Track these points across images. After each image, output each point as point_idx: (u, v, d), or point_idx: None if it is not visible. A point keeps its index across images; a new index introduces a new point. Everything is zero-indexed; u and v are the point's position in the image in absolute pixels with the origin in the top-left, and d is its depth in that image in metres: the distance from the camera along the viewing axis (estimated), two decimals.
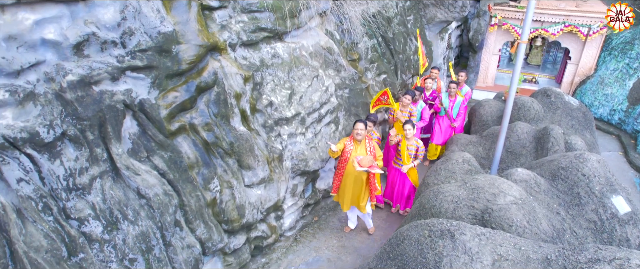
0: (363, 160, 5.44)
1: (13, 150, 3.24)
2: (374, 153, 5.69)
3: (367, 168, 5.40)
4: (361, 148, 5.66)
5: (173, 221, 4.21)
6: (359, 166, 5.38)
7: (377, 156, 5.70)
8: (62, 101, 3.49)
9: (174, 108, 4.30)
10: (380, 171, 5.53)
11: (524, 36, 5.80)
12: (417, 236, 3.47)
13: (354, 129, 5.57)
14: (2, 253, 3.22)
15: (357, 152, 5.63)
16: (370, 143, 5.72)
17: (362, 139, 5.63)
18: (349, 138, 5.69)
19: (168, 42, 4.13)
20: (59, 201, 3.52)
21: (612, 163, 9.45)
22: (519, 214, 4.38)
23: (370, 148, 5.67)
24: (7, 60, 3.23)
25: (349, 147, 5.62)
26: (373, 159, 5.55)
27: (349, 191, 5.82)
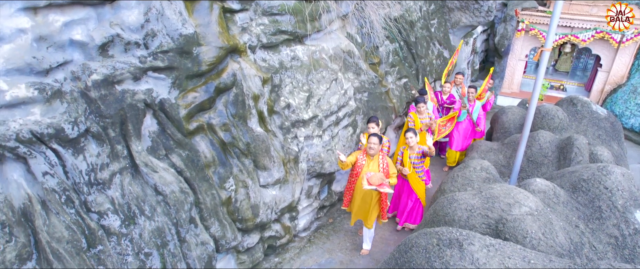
0: (372, 178, 5.14)
1: (40, 145, 3.41)
2: (386, 170, 5.35)
3: (375, 187, 5.10)
4: (374, 164, 5.36)
5: (188, 218, 4.34)
6: (368, 184, 5.11)
7: (390, 173, 5.37)
8: (86, 99, 3.65)
9: (193, 108, 4.42)
10: (390, 190, 5.18)
11: (548, 43, 5.68)
12: (425, 244, 3.47)
13: (368, 143, 5.31)
14: (27, 241, 3.40)
15: (369, 168, 5.33)
16: (384, 159, 5.40)
17: (375, 154, 5.34)
18: (362, 152, 5.43)
19: (189, 43, 4.26)
20: (80, 195, 3.69)
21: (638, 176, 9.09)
22: (534, 225, 4.30)
23: (383, 165, 5.35)
24: (37, 59, 3.40)
25: (361, 161, 5.38)
26: (384, 176, 5.21)
27: (356, 206, 5.61)
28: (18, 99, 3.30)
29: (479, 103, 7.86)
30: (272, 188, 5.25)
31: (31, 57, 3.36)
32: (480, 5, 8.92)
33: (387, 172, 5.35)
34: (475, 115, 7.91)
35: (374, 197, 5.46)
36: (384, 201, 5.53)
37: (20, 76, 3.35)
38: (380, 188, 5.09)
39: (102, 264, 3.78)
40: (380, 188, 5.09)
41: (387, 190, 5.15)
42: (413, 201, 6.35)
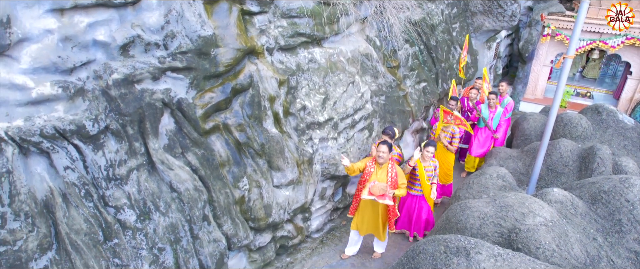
0: (374, 188, 5.00)
1: (62, 140, 3.57)
2: (395, 180, 5.19)
3: (375, 197, 4.95)
4: (382, 173, 5.19)
5: (201, 215, 4.44)
6: (369, 194, 4.98)
7: (399, 184, 5.21)
8: (107, 97, 3.79)
9: (209, 108, 4.53)
10: (390, 202, 5.00)
11: (570, 50, 5.55)
12: (432, 251, 3.46)
13: (377, 151, 5.17)
14: (48, 232, 3.56)
15: (377, 176, 5.18)
16: (393, 168, 5.23)
17: (384, 162, 5.18)
18: (371, 160, 5.29)
19: (207, 45, 4.36)
20: (99, 189, 3.83)
21: None
22: (548, 236, 4.23)
23: (392, 174, 5.18)
24: (62, 58, 3.56)
25: (369, 169, 5.24)
26: (387, 187, 5.02)
27: (365, 218, 5.51)
28: (43, 96, 3.46)
29: (500, 109, 7.73)
30: (286, 189, 5.31)
31: (57, 56, 3.51)
32: (504, 10, 8.78)
33: (396, 182, 5.20)
34: (496, 122, 7.78)
35: (382, 207, 5.36)
36: (392, 211, 5.40)
37: (46, 74, 3.50)
38: (380, 198, 4.95)
39: (117, 257, 3.92)
40: (380, 199, 4.94)
41: (387, 201, 4.98)
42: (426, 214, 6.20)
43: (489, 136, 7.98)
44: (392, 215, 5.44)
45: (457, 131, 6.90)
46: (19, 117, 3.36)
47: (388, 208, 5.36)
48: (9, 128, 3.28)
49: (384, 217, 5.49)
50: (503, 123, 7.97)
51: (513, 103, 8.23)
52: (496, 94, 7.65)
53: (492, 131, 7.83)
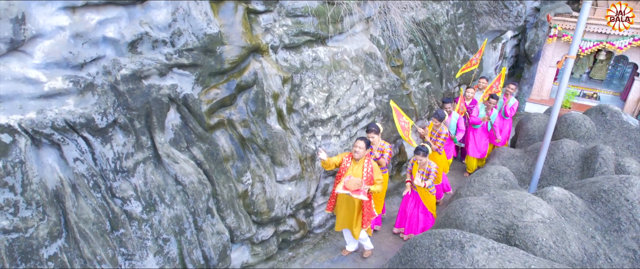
0: (349, 182, 4.96)
1: (72, 133, 3.71)
2: (370, 175, 5.17)
3: (350, 192, 4.91)
4: (358, 168, 5.18)
5: (205, 208, 4.57)
6: (344, 188, 4.95)
7: (375, 180, 5.18)
8: (115, 92, 3.93)
9: (214, 104, 4.65)
10: (364, 198, 4.92)
11: (572, 50, 5.60)
12: (428, 244, 3.54)
13: (354, 146, 5.16)
14: (57, 220, 3.70)
15: (353, 171, 5.17)
16: (369, 164, 5.22)
17: (360, 158, 5.16)
18: (348, 155, 5.28)
19: (213, 42, 4.48)
20: (106, 181, 3.97)
21: None
22: (546, 233, 4.29)
23: (367, 169, 5.17)
24: (73, 54, 3.70)
25: (345, 164, 5.24)
26: (362, 182, 4.99)
27: (341, 212, 5.48)
28: (55, 90, 3.60)
29: (495, 111, 7.83)
30: (288, 184, 5.42)
31: (68, 52, 3.66)
32: (510, 10, 8.80)
33: (371, 178, 5.18)
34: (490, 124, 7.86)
35: (357, 203, 5.31)
36: (368, 208, 5.36)
37: (57, 69, 3.65)
38: (355, 194, 4.89)
39: (123, 246, 4.06)
40: (354, 194, 4.89)
41: (361, 196, 4.91)
42: (423, 214, 6.19)
43: (484, 136, 8.02)
44: (369, 214, 5.39)
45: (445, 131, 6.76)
46: (31, 110, 3.51)
47: (363, 205, 5.31)
48: (22, 121, 3.43)
49: (360, 213, 5.43)
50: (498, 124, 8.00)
51: (518, 103, 8.26)
52: (496, 98, 7.68)
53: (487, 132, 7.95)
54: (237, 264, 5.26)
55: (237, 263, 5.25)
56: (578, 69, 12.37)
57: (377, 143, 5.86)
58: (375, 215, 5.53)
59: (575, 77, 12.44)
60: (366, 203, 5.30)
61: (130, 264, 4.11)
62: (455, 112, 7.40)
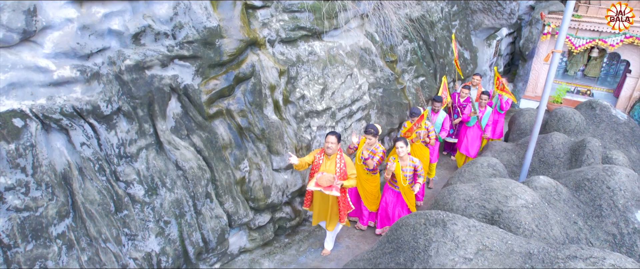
0: (321, 179, 4.97)
1: (79, 119, 3.95)
2: (343, 171, 5.17)
3: (322, 189, 4.91)
4: (331, 164, 5.16)
5: (204, 193, 4.80)
6: (316, 185, 4.94)
7: (348, 175, 5.19)
8: (120, 81, 4.16)
9: (213, 95, 4.88)
10: (336, 193, 4.92)
11: (559, 44, 5.80)
12: (413, 223, 3.76)
13: (325, 142, 5.14)
14: (65, 201, 3.94)
15: (326, 167, 5.16)
16: (342, 159, 5.21)
17: (332, 153, 5.14)
18: (320, 152, 5.27)
19: (212, 36, 4.72)
20: (111, 165, 4.21)
21: None
22: (529, 217, 4.49)
23: (340, 165, 5.17)
24: (80, 45, 3.93)
25: (318, 161, 5.22)
26: (334, 178, 4.99)
27: (316, 207, 5.49)
28: (63, 79, 3.83)
29: (489, 109, 7.86)
30: (284, 173, 5.65)
31: (76, 43, 3.89)
32: (503, 8, 9.01)
33: (344, 173, 5.18)
34: (485, 122, 7.89)
35: (331, 198, 5.31)
36: (344, 202, 5.40)
37: (66, 59, 3.88)
38: (327, 190, 4.90)
39: (126, 227, 4.29)
40: (327, 191, 4.90)
41: (334, 193, 4.91)
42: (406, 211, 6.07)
43: (478, 135, 8.07)
44: (345, 208, 5.43)
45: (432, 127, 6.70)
46: (42, 97, 3.74)
47: (338, 199, 5.33)
48: (33, 106, 3.66)
49: (335, 207, 5.46)
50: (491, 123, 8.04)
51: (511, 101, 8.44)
52: (488, 94, 7.79)
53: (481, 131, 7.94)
54: (235, 249, 5.49)
55: (235, 247, 5.48)
56: (573, 67, 12.56)
57: (373, 145, 5.81)
58: (352, 208, 5.55)
59: (570, 74, 12.63)
60: (341, 198, 5.30)
61: (133, 244, 4.35)
62: (442, 111, 7.38)
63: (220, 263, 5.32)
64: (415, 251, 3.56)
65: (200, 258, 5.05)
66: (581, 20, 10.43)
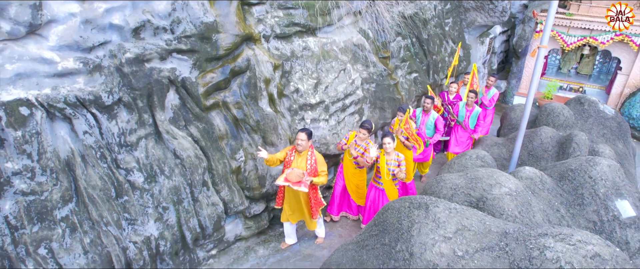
0: (291, 175, 5.08)
1: (82, 108, 4.16)
2: (314, 167, 5.26)
3: (291, 184, 5.01)
4: (302, 161, 5.26)
5: (201, 181, 5.01)
6: (285, 180, 5.04)
7: (319, 171, 5.28)
8: (120, 73, 4.38)
9: (210, 87, 5.09)
10: (305, 189, 5.02)
11: (544, 40, 6.00)
12: (398, 207, 3.97)
13: (296, 139, 5.22)
14: (69, 186, 4.15)
15: (297, 164, 5.26)
16: (313, 156, 5.31)
17: (303, 150, 5.24)
18: (291, 149, 5.36)
19: (209, 30, 4.93)
20: (112, 153, 4.42)
21: None
22: (512, 204, 4.69)
23: (311, 161, 5.25)
24: (83, 38, 4.14)
25: (289, 157, 5.31)
26: (304, 174, 5.09)
27: (287, 204, 5.58)
28: (67, 70, 4.05)
29: (477, 109, 7.86)
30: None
31: (79, 36, 4.10)
32: (495, 6, 9.22)
33: (315, 169, 5.27)
34: (474, 121, 7.91)
35: (302, 195, 5.42)
36: (315, 199, 5.48)
37: (69, 51, 4.09)
38: (296, 186, 4.99)
39: (127, 212, 4.50)
40: (295, 186, 4.99)
41: (302, 188, 4.99)
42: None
43: (467, 134, 8.09)
44: (317, 204, 5.52)
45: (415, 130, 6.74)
46: (47, 87, 3.96)
47: (310, 196, 5.42)
48: (38, 96, 3.87)
49: (307, 205, 5.54)
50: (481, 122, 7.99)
51: (498, 94, 8.63)
52: (476, 93, 7.80)
53: (470, 131, 7.96)
54: (231, 237, 5.70)
55: (231, 235, 5.69)
56: (566, 64, 12.77)
57: (364, 140, 5.92)
58: (324, 204, 5.63)
59: (563, 72, 12.84)
60: (312, 194, 5.40)
61: (133, 228, 4.56)
62: (433, 111, 7.40)
63: (217, 249, 5.53)
64: (399, 232, 3.76)
65: (197, 244, 5.26)
66: (573, 18, 10.64)
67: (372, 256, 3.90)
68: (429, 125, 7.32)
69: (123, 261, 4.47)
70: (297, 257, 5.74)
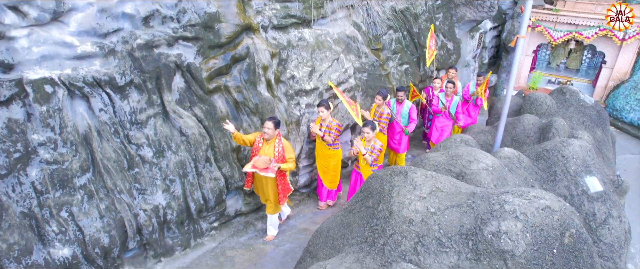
0: (258, 161, 5.23)
1: (98, 88, 4.63)
2: (282, 154, 5.42)
3: (258, 170, 5.19)
4: (270, 148, 5.42)
5: (204, 157, 5.49)
6: (252, 167, 5.22)
7: (286, 158, 5.45)
8: (132, 58, 4.85)
9: (212, 72, 5.56)
10: (271, 175, 5.20)
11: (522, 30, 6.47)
12: (382, 175, 4.43)
13: (263, 127, 5.38)
14: (87, 157, 4.62)
15: (264, 151, 5.42)
16: (280, 143, 5.46)
17: (270, 138, 5.40)
18: (260, 135, 5.49)
19: (212, 20, 5.40)
20: (124, 129, 4.89)
21: (633, 165, 9.59)
22: (488, 178, 5.15)
23: (278, 149, 5.42)
24: (99, 25, 4.62)
25: (258, 144, 5.47)
26: (271, 161, 5.28)
27: (257, 190, 5.82)
28: (85, 53, 4.52)
29: (456, 98, 8.18)
30: None
31: (95, 23, 4.58)
32: (483, 1, 9.68)
33: (283, 157, 5.44)
34: (453, 110, 8.21)
35: (269, 181, 5.57)
36: (283, 184, 5.66)
37: (87, 37, 4.57)
38: (263, 172, 5.17)
39: (138, 182, 4.98)
40: (262, 172, 5.17)
41: (269, 174, 5.17)
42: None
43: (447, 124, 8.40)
44: (284, 190, 5.71)
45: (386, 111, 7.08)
46: (68, 67, 4.43)
47: (278, 182, 5.59)
48: (61, 75, 4.35)
49: (274, 190, 5.68)
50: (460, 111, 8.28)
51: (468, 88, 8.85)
52: (454, 83, 8.06)
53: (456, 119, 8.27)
54: (231, 211, 6.17)
55: (232, 209, 6.16)
56: (555, 59, 13.23)
57: (327, 120, 6.19)
58: (291, 190, 5.85)
59: (552, 66, 13.31)
60: (280, 180, 5.59)
61: (143, 197, 5.04)
62: (407, 101, 7.61)
63: (218, 222, 6.00)
64: (381, 195, 4.22)
65: (201, 216, 5.73)
66: (559, 14, 11.11)
67: (358, 217, 4.37)
68: (403, 114, 7.55)
69: (134, 226, 4.95)
70: (292, 230, 6.22)
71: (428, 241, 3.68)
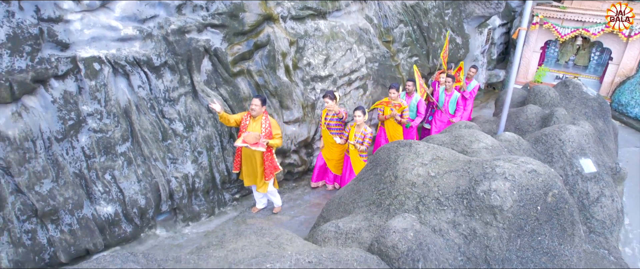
0: (248, 137, 5.41)
1: (137, 67, 5.22)
2: (269, 131, 5.63)
3: (249, 145, 5.39)
4: (257, 125, 5.60)
5: (229, 132, 6.05)
6: (243, 142, 5.40)
7: (273, 135, 5.67)
8: (166, 41, 5.43)
9: (237, 57, 6.13)
10: (262, 149, 5.44)
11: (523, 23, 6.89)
12: (389, 147, 4.94)
13: (251, 104, 5.58)
14: (127, 128, 5.22)
15: (252, 128, 5.60)
16: (267, 120, 5.67)
17: (257, 115, 5.59)
18: (247, 114, 5.68)
19: (237, 9, 5.96)
20: (159, 105, 5.48)
21: (636, 157, 9.91)
22: (487, 156, 5.60)
23: (265, 125, 5.61)
24: (139, 11, 5.21)
25: (245, 122, 5.64)
26: (260, 136, 5.48)
27: (245, 168, 5.93)
28: (127, 36, 5.12)
29: (456, 93, 8.24)
30: (293, 125, 6.87)
31: (136, 10, 5.17)
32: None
33: (270, 133, 5.66)
34: (453, 106, 8.29)
35: (257, 158, 5.77)
36: (270, 161, 5.88)
37: (129, 21, 5.17)
38: (254, 146, 5.41)
39: (170, 152, 5.57)
40: (253, 147, 5.41)
41: (260, 148, 5.43)
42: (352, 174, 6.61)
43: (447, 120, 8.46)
44: (271, 167, 5.93)
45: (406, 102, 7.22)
46: (112, 48, 5.03)
47: (264, 158, 5.79)
48: (107, 54, 4.95)
49: (261, 167, 5.87)
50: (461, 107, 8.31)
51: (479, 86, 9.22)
52: (453, 78, 8.13)
53: (450, 115, 8.44)
54: None
55: None
56: (563, 56, 13.53)
57: (333, 110, 6.46)
58: (278, 169, 6.05)
59: (560, 63, 13.61)
60: (267, 157, 5.80)
61: (175, 166, 5.63)
62: (417, 94, 7.74)
63: (240, 194, 6.56)
64: (388, 163, 4.72)
65: (224, 187, 6.30)
66: (566, 11, 11.45)
67: (367, 184, 4.88)
68: (411, 107, 7.64)
69: (167, 191, 5.54)
70: (307, 204, 6.75)
71: (428, 200, 4.17)
